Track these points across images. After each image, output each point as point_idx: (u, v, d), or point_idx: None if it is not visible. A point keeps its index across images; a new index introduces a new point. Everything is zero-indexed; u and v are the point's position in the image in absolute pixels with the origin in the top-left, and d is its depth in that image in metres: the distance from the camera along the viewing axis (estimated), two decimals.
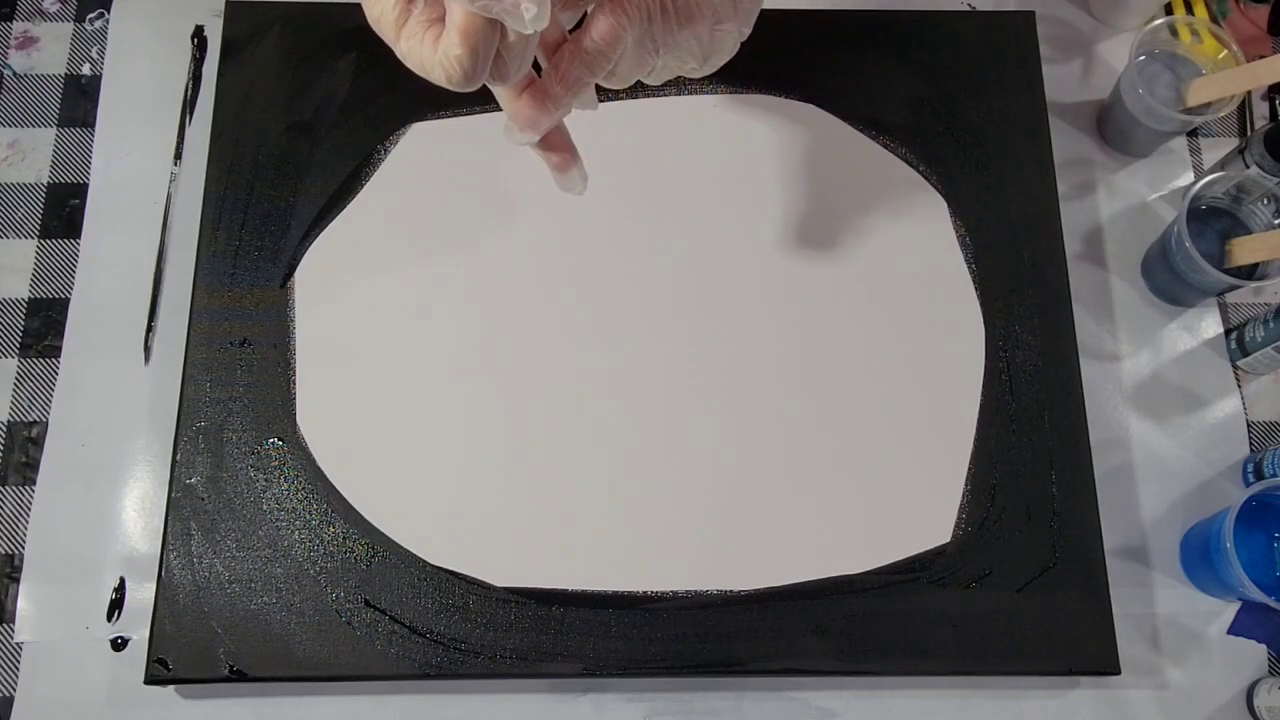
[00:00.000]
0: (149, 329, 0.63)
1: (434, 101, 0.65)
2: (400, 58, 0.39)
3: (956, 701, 0.57)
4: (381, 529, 0.57)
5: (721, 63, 0.47)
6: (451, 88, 0.38)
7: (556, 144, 0.45)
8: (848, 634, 0.56)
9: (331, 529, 0.57)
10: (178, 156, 0.66)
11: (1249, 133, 0.70)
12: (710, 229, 0.63)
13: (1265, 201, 0.61)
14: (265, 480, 0.57)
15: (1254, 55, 0.68)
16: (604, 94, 0.66)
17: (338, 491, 0.57)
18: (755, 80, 0.67)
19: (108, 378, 0.62)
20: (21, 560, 0.58)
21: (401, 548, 0.56)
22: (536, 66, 0.43)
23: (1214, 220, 0.63)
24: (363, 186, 0.63)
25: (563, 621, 0.55)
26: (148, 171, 0.66)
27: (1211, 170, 0.68)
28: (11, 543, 0.59)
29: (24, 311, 0.63)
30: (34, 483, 0.60)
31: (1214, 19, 0.71)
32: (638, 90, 0.66)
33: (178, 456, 0.58)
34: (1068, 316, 0.62)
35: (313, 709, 0.56)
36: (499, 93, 0.43)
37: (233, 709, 0.56)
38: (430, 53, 0.37)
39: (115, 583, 0.58)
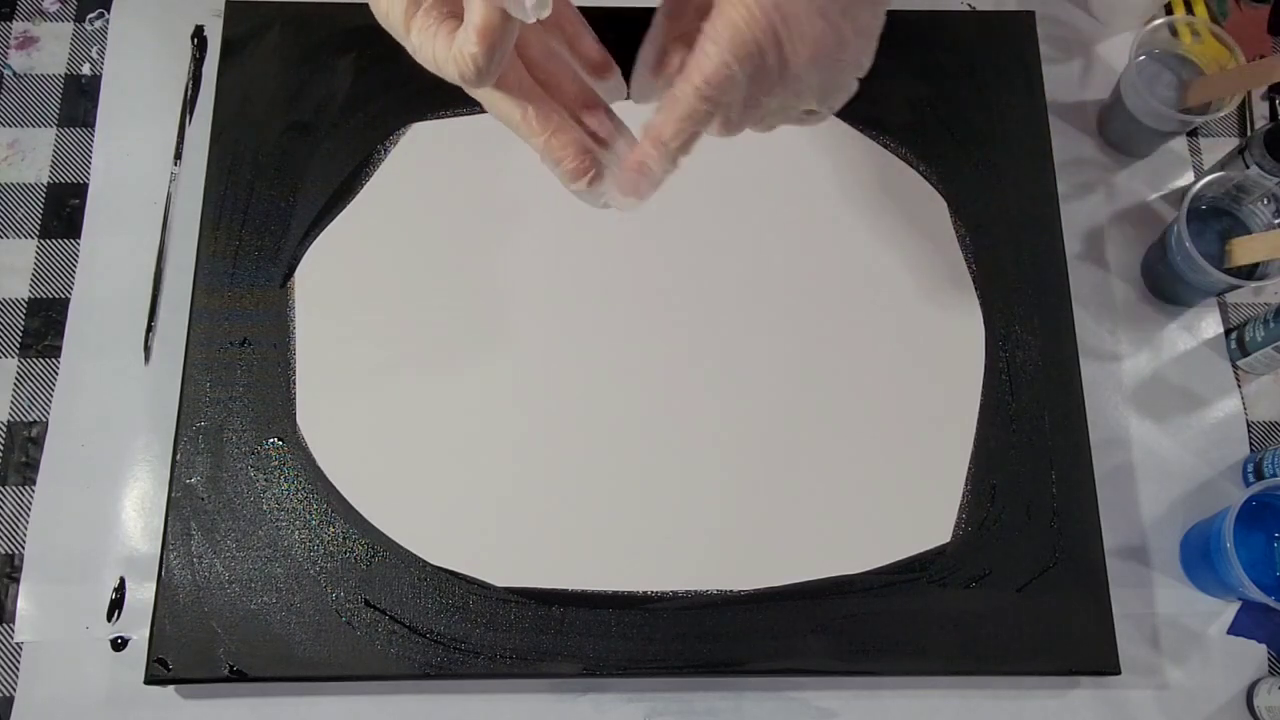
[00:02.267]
0: (149, 329, 0.63)
1: (434, 101, 0.65)
2: (411, 52, 0.38)
3: (956, 701, 0.57)
4: (381, 529, 0.57)
5: (841, 103, 0.43)
6: (464, 84, 0.37)
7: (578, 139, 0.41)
8: (848, 634, 0.56)
9: (331, 529, 0.57)
10: (178, 156, 0.66)
11: (1249, 133, 0.70)
12: (710, 229, 0.63)
13: (1265, 201, 0.61)
14: (265, 480, 0.57)
15: (1254, 55, 0.68)
16: None
17: (338, 491, 0.57)
18: None
19: (108, 378, 0.62)
20: (21, 560, 0.58)
21: (401, 548, 0.56)
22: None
23: (1214, 220, 0.63)
24: (363, 186, 0.63)
25: (563, 621, 0.55)
26: (148, 171, 0.66)
27: (1211, 170, 0.68)
28: (11, 543, 0.59)
29: (24, 311, 0.63)
30: (34, 483, 0.60)
31: (1214, 19, 0.71)
32: None
33: (178, 456, 0.58)
34: (1068, 316, 0.62)
35: (313, 709, 0.56)
36: (536, 141, 0.40)
37: (233, 709, 0.56)
38: (444, 49, 0.36)
39: (115, 583, 0.58)
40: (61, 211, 0.65)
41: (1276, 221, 0.61)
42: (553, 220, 0.63)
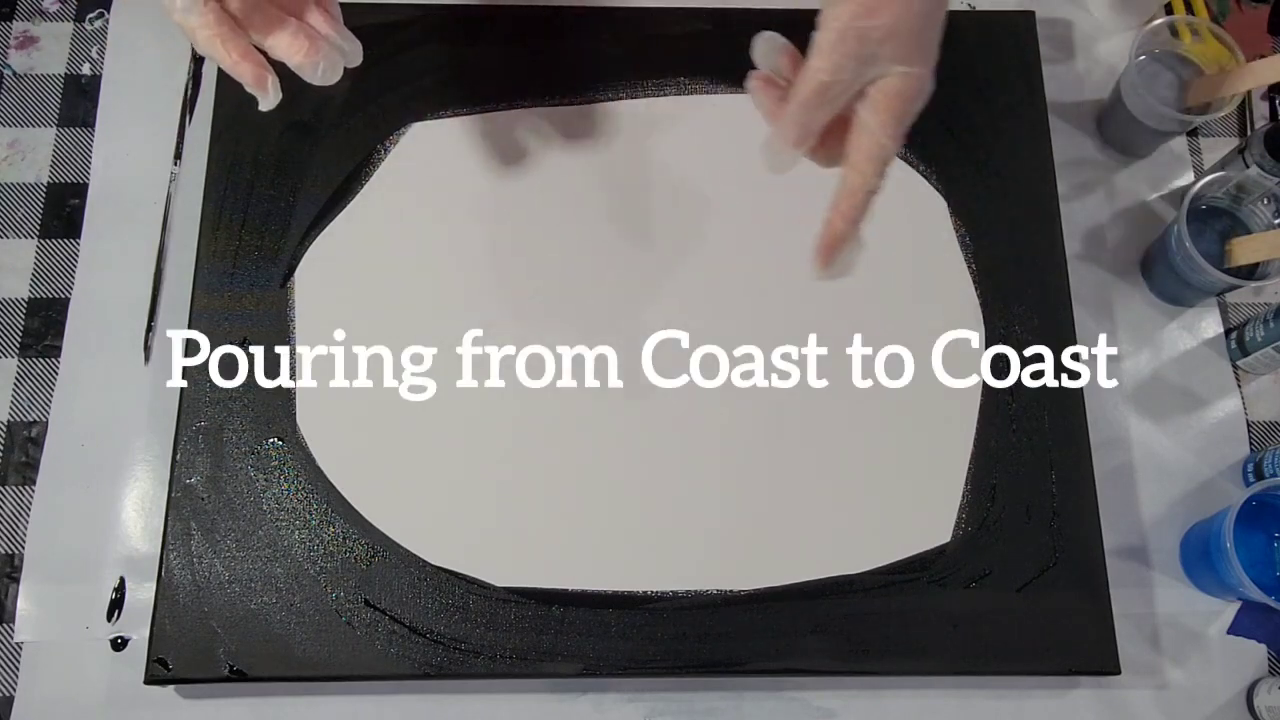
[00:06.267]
0: (149, 329, 0.63)
1: (434, 101, 0.65)
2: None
3: (956, 701, 0.57)
4: (381, 529, 0.57)
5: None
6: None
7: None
8: (848, 634, 0.56)
9: (331, 529, 0.57)
10: (178, 156, 0.66)
11: (1249, 133, 0.70)
12: (710, 229, 0.63)
13: (1265, 201, 0.61)
14: (265, 480, 0.57)
15: (1254, 55, 0.68)
16: (605, 94, 0.66)
17: (338, 491, 0.57)
18: None
19: (108, 378, 0.62)
20: (21, 560, 0.58)
21: (401, 548, 0.56)
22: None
23: (1214, 220, 0.63)
24: (363, 186, 0.63)
25: (563, 621, 0.55)
26: (148, 171, 0.66)
27: (1211, 170, 0.68)
28: (11, 543, 0.59)
29: (24, 311, 0.63)
30: (34, 483, 0.60)
31: (1214, 19, 0.71)
32: (637, 90, 0.66)
33: (178, 456, 0.58)
34: (1068, 316, 0.62)
35: (313, 709, 0.56)
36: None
37: (233, 709, 0.56)
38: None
39: (115, 583, 0.58)
40: (61, 211, 0.65)
41: (1276, 221, 0.61)
42: (553, 221, 0.63)
